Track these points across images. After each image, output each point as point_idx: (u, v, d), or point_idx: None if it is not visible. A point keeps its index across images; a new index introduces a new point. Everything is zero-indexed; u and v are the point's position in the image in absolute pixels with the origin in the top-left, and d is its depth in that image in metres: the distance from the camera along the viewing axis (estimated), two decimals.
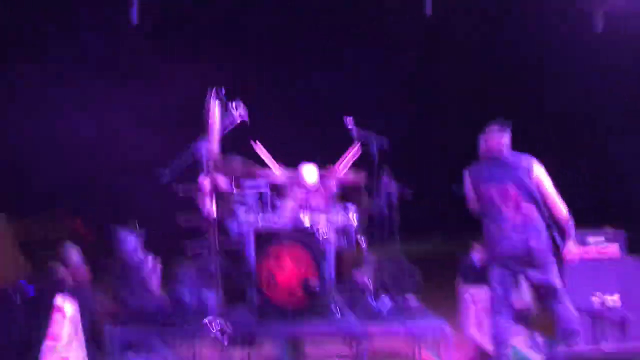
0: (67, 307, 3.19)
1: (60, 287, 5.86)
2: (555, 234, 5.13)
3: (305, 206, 5.99)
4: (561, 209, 5.18)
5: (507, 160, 5.22)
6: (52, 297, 5.77)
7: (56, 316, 3.17)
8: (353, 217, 5.87)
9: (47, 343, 3.13)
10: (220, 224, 5.94)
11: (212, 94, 2.40)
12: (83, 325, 3.34)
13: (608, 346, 6.08)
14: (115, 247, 5.90)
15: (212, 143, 2.25)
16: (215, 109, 2.37)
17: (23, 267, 10.82)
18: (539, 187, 5.13)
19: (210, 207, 2.19)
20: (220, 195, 2.06)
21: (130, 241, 5.71)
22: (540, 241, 5.09)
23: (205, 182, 2.71)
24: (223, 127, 5.22)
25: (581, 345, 5.75)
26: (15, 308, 5.49)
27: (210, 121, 2.32)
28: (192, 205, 5.87)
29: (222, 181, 4.84)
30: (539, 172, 5.17)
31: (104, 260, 6.28)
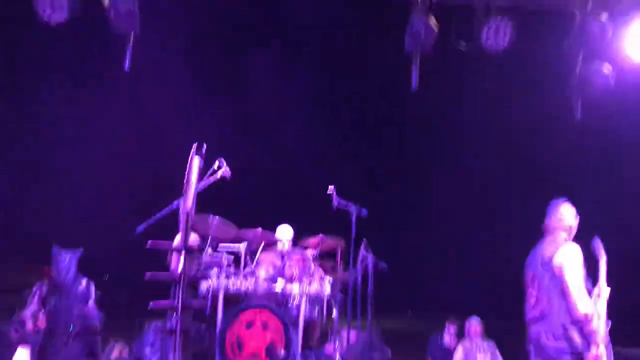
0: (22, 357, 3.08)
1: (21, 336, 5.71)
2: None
3: (279, 272, 5.93)
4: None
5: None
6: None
7: None
8: (327, 287, 5.80)
9: None
10: (191, 284, 5.85)
11: (194, 150, 2.42)
12: None
13: None
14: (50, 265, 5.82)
15: (188, 200, 2.25)
16: (195, 165, 2.38)
17: None
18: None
19: (178, 265, 2.16)
20: (191, 254, 2.03)
21: (64, 260, 5.60)
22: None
23: (176, 238, 2.67)
24: (203, 184, 5.24)
25: None
26: None
27: (188, 177, 2.32)
28: (162, 261, 5.79)
29: (195, 240, 4.74)
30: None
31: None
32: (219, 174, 4.98)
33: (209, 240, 5.75)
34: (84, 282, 5.73)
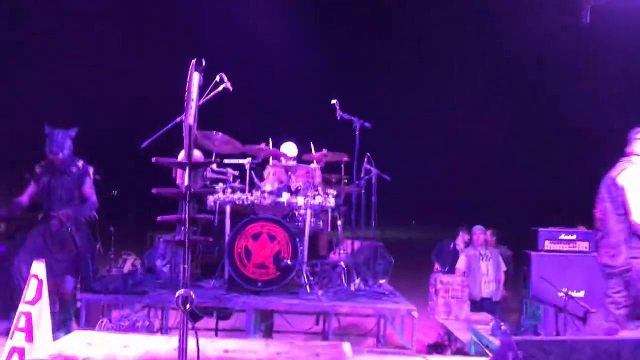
0: (41, 273, 3.20)
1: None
2: None
3: (284, 186, 6.03)
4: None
5: None
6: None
7: (31, 281, 3.18)
8: (331, 200, 5.91)
9: (22, 306, 3.14)
10: (198, 198, 5.97)
11: (193, 66, 2.40)
12: (51, 290, 3.35)
13: (569, 337, 6.28)
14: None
15: (190, 115, 2.26)
16: (195, 80, 2.37)
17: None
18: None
19: (183, 180, 2.20)
20: (195, 169, 2.07)
21: (57, 135, 5.38)
22: None
23: (180, 154, 2.67)
24: (205, 99, 5.23)
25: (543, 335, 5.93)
26: None
27: (189, 93, 2.32)
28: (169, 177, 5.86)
29: (199, 156, 4.71)
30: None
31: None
32: (221, 87, 4.99)
33: (213, 156, 5.84)
34: (80, 162, 5.58)
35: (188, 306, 2.23)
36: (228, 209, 5.79)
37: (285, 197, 5.89)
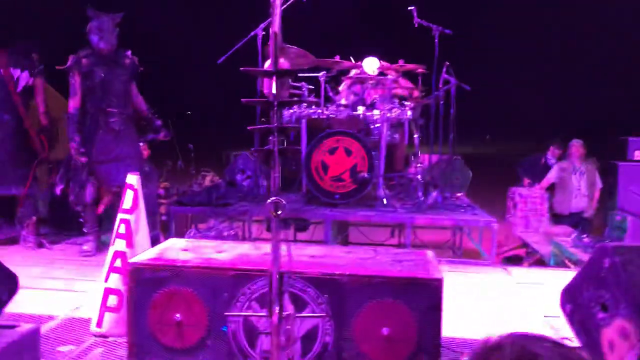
0: (136, 183, 3.37)
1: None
2: None
3: (359, 99, 5.95)
4: None
5: None
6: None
7: (127, 191, 3.36)
8: (408, 112, 5.80)
9: (120, 216, 3.35)
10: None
11: None
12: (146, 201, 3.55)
13: None
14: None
15: (276, 22, 2.21)
16: None
17: None
18: None
19: (270, 88, 2.20)
20: (282, 77, 2.06)
21: (103, 21, 4.85)
22: None
23: (266, 63, 2.62)
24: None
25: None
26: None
27: (273, 2, 2.26)
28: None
29: (284, 62, 4.58)
30: None
31: None
32: None
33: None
34: (129, 53, 5.14)
35: (280, 212, 2.29)
36: (304, 122, 5.82)
37: (360, 110, 5.83)
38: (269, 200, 2.25)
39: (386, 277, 2.64)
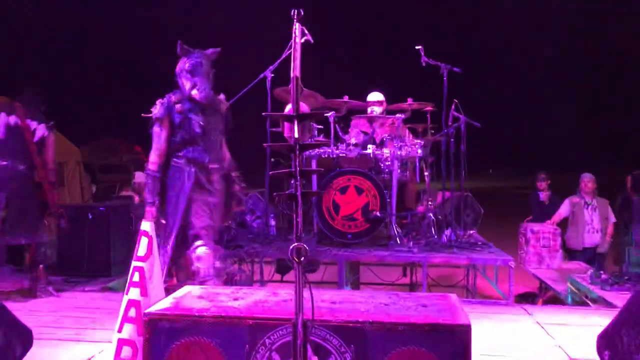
0: (150, 230, 3.31)
1: (133, 209, 6.11)
2: None
3: (369, 138, 5.93)
4: None
5: None
6: (123, 216, 6.09)
7: (142, 238, 3.30)
8: (418, 149, 5.78)
9: (134, 263, 3.28)
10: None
11: (295, 16, 2.30)
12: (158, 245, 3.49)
13: None
14: None
15: (297, 67, 2.18)
16: (298, 31, 2.28)
17: (90, 190, 11.44)
18: None
19: (291, 132, 2.16)
20: (303, 122, 2.02)
21: None
22: None
23: (287, 107, 2.56)
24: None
25: None
26: (88, 223, 5.82)
27: (294, 44, 2.24)
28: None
29: (305, 108, 4.19)
30: None
31: None
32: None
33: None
34: (223, 97, 4.35)
35: (302, 258, 2.23)
36: (314, 163, 5.79)
37: (370, 149, 5.80)
38: (291, 247, 2.19)
39: (411, 324, 2.55)
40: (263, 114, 2.26)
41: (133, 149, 19.58)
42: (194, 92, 4.15)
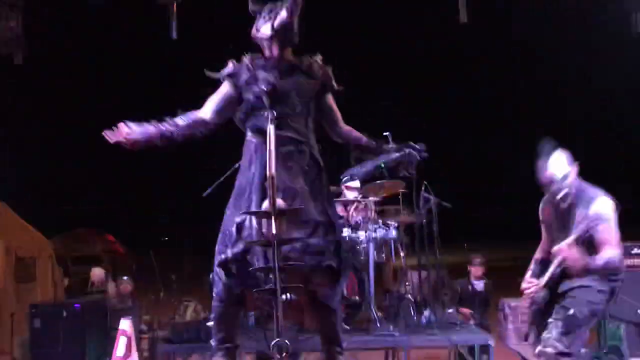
0: (128, 328, 3.28)
1: (110, 304, 6.00)
2: None
3: (344, 222, 6.04)
4: None
5: None
6: (99, 311, 5.96)
7: (121, 338, 3.26)
8: (392, 231, 5.89)
9: None
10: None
11: (271, 117, 2.45)
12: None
13: None
14: None
15: (272, 165, 2.30)
16: (272, 132, 2.41)
17: (63, 284, 11.14)
18: None
19: (269, 228, 2.24)
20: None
21: None
22: None
23: (264, 203, 2.56)
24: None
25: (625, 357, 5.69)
26: (62, 322, 5.68)
27: (269, 144, 2.37)
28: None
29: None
30: None
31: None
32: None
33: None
34: None
35: (284, 354, 2.25)
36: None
37: (345, 232, 5.88)
38: (272, 343, 2.21)
39: None
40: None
41: (106, 239, 19.31)
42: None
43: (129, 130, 3.03)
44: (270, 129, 2.51)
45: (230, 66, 3.23)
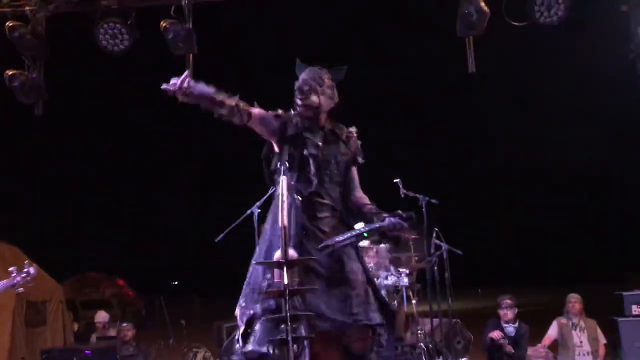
0: None
1: (120, 350, 5.98)
2: None
3: None
4: None
5: None
6: (109, 358, 5.93)
7: None
8: (404, 278, 5.87)
9: None
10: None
11: (284, 169, 2.52)
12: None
13: None
14: None
15: (284, 216, 2.35)
16: (284, 182, 2.47)
17: (72, 328, 11.10)
18: None
19: (280, 278, 2.27)
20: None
21: None
22: None
23: (276, 254, 2.58)
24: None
25: None
26: None
27: (281, 194, 2.43)
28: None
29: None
30: None
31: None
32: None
33: None
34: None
35: None
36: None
37: None
38: None
39: None
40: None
41: (115, 283, 19.28)
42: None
43: (187, 86, 3.05)
44: (283, 179, 2.58)
45: (279, 111, 3.31)
